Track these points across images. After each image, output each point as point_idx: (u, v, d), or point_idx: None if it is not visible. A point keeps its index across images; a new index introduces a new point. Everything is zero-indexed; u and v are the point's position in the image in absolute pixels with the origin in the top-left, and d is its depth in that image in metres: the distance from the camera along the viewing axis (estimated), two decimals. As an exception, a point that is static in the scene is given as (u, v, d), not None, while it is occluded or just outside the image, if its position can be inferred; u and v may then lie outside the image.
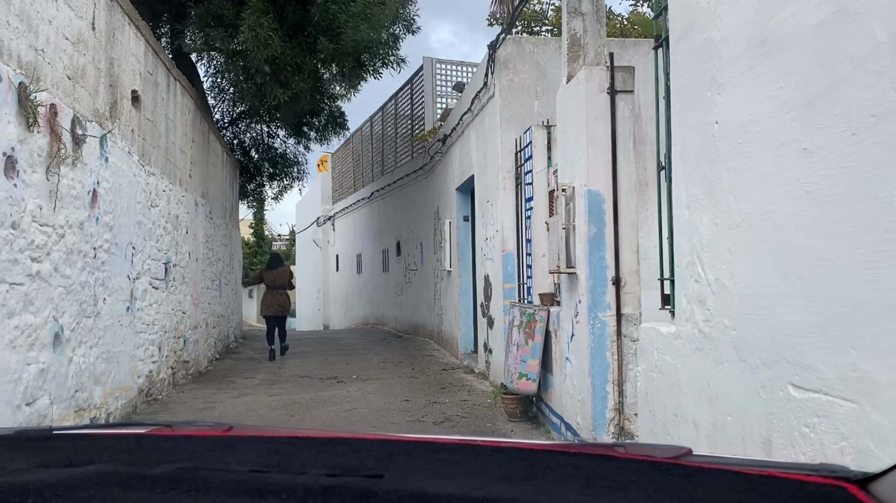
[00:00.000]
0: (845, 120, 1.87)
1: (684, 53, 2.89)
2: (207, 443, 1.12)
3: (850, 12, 1.84)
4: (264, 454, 1.05)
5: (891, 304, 1.71)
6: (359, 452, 1.03)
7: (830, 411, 1.96)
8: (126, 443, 1.14)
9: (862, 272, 1.83)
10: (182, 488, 0.80)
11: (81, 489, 0.79)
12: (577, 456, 1.04)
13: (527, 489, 0.84)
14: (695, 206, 2.82)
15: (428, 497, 0.78)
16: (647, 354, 3.36)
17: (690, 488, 0.87)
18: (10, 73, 4.14)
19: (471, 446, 1.10)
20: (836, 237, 1.93)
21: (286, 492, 0.78)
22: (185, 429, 1.25)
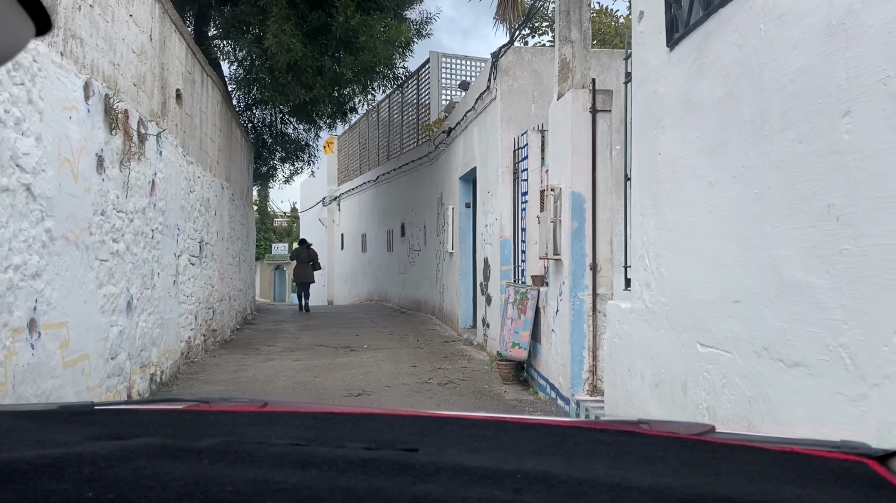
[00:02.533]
0: (729, 167, 2.81)
1: (640, 98, 3.82)
2: (246, 419, 1.14)
3: (734, 96, 2.78)
4: (302, 429, 1.07)
5: (749, 291, 2.67)
6: (393, 427, 1.05)
7: (718, 359, 2.93)
8: (168, 417, 1.18)
9: (736, 268, 2.78)
10: (227, 460, 0.81)
11: (133, 460, 0.80)
12: (604, 432, 1.05)
13: (557, 463, 0.84)
14: (645, 213, 3.77)
15: (463, 469, 0.78)
16: (611, 324, 4.34)
17: (715, 463, 0.88)
18: (99, 87, 5.04)
19: (500, 422, 1.13)
20: (725, 244, 2.88)
21: (327, 464, 0.79)
22: (222, 405, 1.28)
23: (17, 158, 3.68)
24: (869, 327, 1.97)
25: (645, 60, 3.77)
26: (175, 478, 0.75)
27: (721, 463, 0.89)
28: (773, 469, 0.86)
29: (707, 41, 3.03)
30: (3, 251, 3.52)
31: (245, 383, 6.90)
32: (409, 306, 15.08)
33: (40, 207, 3.97)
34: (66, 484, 0.72)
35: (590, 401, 5.07)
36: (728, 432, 1.09)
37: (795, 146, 2.33)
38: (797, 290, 2.33)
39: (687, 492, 0.74)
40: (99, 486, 0.72)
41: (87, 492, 0.70)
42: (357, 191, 20.05)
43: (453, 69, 13.92)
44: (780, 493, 0.76)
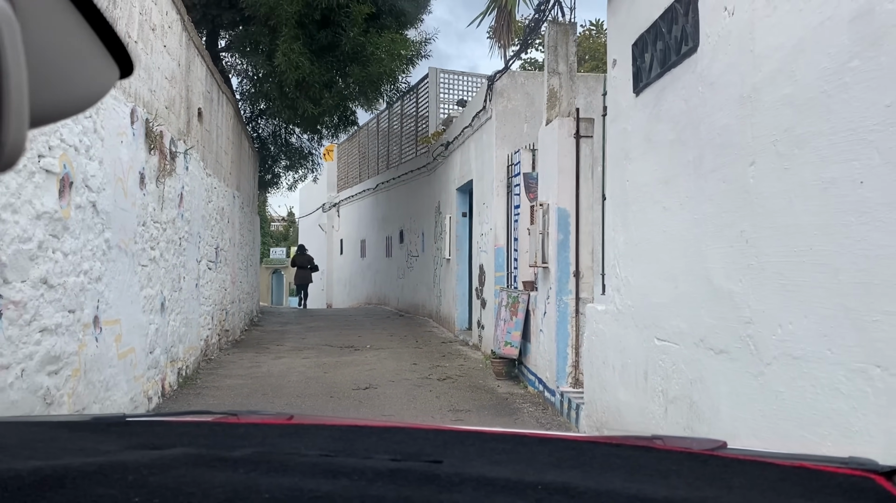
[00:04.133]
0: (678, 196, 3.52)
1: (613, 132, 4.54)
2: (275, 431, 1.18)
3: (681, 140, 3.49)
4: (329, 440, 1.11)
5: (690, 296, 3.37)
6: (417, 440, 1.09)
7: (670, 350, 3.63)
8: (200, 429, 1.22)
9: (682, 277, 3.48)
10: (262, 469, 0.84)
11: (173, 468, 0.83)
12: (620, 447, 1.08)
13: (576, 475, 0.87)
14: (616, 229, 4.47)
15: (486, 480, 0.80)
16: (589, 324, 5.04)
17: (728, 477, 0.91)
18: (141, 112, 5.73)
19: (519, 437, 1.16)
20: (674, 258, 3.59)
21: (356, 474, 0.81)
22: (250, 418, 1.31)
23: (87, 180, 4.37)
24: (765, 322, 2.68)
25: (617, 101, 4.48)
26: (214, 486, 0.78)
27: (733, 477, 0.91)
28: (783, 483, 0.89)
29: (663, 92, 3.74)
30: (77, 258, 4.21)
31: (262, 377, 7.58)
32: (407, 309, 15.75)
33: (101, 221, 4.66)
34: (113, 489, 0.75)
35: (572, 392, 5.77)
36: (739, 448, 1.13)
37: (721, 184, 3.04)
38: (722, 295, 3.03)
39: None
40: (144, 493, 0.74)
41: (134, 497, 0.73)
42: (357, 198, 20.74)
43: (450, 84, 14.64)
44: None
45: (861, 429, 2.11)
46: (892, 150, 2.01)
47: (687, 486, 0.87)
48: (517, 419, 5.84)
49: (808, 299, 2.40)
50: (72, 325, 4.09)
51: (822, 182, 2.33)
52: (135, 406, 5.34)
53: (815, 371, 2.35)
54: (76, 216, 4.21)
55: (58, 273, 3.91)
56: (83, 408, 4.24)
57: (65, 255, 4.02)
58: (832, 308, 2.27)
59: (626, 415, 4.24)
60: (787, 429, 2.51)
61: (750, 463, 0.98)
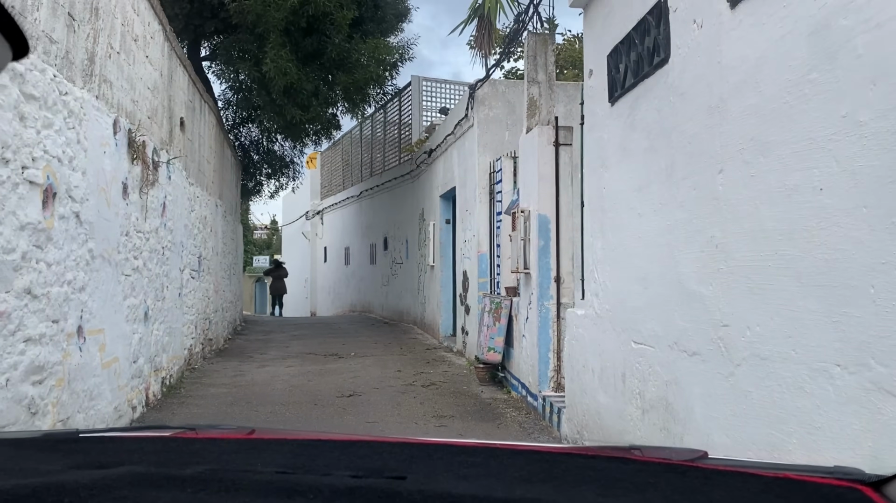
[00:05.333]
0: (651, 203, 3.61)
1: (590, 141, 4.63)
2: (232, 446, 1.14)
3: (654, 148, 3.58)
4: (288, 456, 1.07)
5: (664, 299, 3.47)
6: (381, 454, 1.06)
7: (646, 353, 3.72)
8: (153, 445, 1.18)
9: (656, 282, 3.57)
10: (212, 488, 0.81)
11: (115, 489, 0.79)
12: (595, 458, 1.05)
13: (547, 490, 0.84)
14: (594, 235, 4.57)
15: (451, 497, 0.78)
16: (570, 328, 5.12)
17: (708, 490, 0.87)
18: (124, 122, 5.76)
19: (490, 449, 1.12)
20: (649, 263, 3.68)
21: (313, 492, 0.78)
22: (209, 433, 1.28)
23: (70, 191, 4.40)
24: (735, 324, 2.77)
25: (593, 110, 4.58)
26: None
27: (713, 489, 0.88)
28: (767, 495, 0.86)
29: (637, 102, 3.84)
30: (60, 268, 4.23)
31: (246, 386, 7.59)
32: (391, 317, 15.79)
33: (85, 231, 4.68)
34: None
35: (554, 396, 5.85)
36: (720, 458, 1.09)
37: (692, 191, 3.14)
38: (694, 298, 3.13)
39: None
40: None
41: None
42: (340, 205, 20.76)
43: (433, 92, 14.74)
44: None
45: (823, 425, 2.20)
46: (848, 159, 2.10)
47: (664, 500, 0.83)
48: (500, 424, 5.91)
49: (774, 301, 2.49)
50: (56, 335, 4.11)
51: (785, 189, 2.42)
52: (119, 415, 5.35)
53: (781, 371, 2.44)
54: (60, 226, 4.23)
55: (42, 283, 3.94)
56: (67, 417, 4.26)
57: (48, 266, 4.05)
58: (796, 310, 2.36)
59: (606, 417, 4.32)
60: (755, 428, 2.60)
61: (731, 474, 0.95)
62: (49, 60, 4.15)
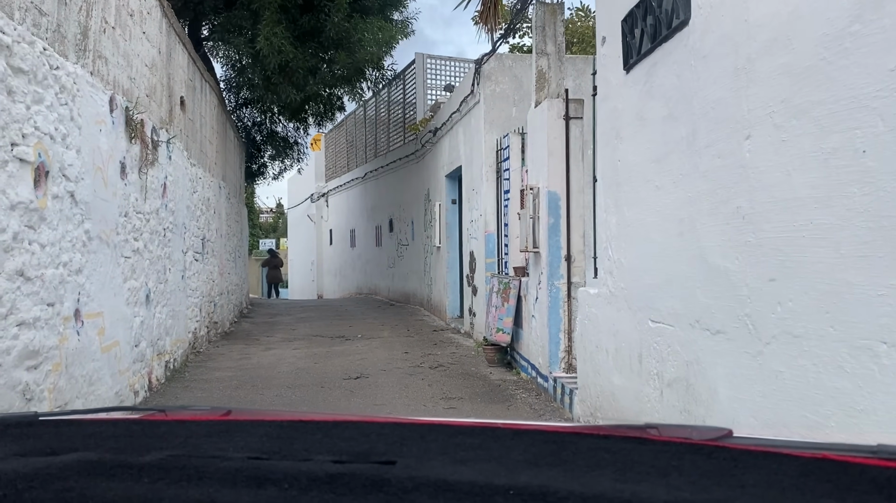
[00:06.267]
0: (671, 174, 3.43)
1: (603, 112, 4.44)
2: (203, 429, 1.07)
3: (673, 116, 3.40)
4: (265, 439, 0.99)
5: (685, 276, 3.30)
6: (368, 436, 0.98)
7: (665, 332, 3.56)
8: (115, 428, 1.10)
9: (676, 257, 3.40)
10: (172, 477, 0.74)
11: (59, 480, 0.72)
12: (609, 438, 0.96)
13: (556, 475, 0.76)
14: (608, 210, 4.39)
15: (447, 485, 0.71)
16: (582, 308, 4.96)
17: (739, 473, 0.79)
18: (120, 100, 5.58)
19: (490, 429, 1.03)
20: (668, 238, 3.51)
21: (288, 480, 0.71)
22: (180, 414, 1.20)
23: (63, 169, 4.24)
24: (763, 300, 2.60)
25: (607, 79, 4.38)
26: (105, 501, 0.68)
27: (745, 472, 0.79)
28: (806, 479, 0.77)
29: (654, 68, 3.64)
30: (55, 250, 4.08)
31: (251, 369, 7.48)
32: (398, 299, 15.66)
33: (81, 211, 4.53)
34: None
35: (565, 377, 5.70)
36: (747, 436, 1.01)
37: (716, 160, 2.96)
38: (718, 273, 2.96)
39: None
40: None
41: None
42: (345, 187, 20.58)
43: (438, 70, 14.49)
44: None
45: (867, 407, 2.04)
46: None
47: (691, 486, 0.75)
48: (510, 406, 5.77)
49: (808, 275, 2.32)
50: (51, 319, 3.97)
51: (822, 153, 2.25)
52: (120, 400, 5.23)
53: (816, 349, 2.27)
54: (53, 206, 4.08)
55: (35, 265, 3.79)
56: (65, 403, 4.13)
57: (42, 247, 3.90)
58: (834, 283, 2.19)
59: (621, 399, 4.17)
60: (787, 410, 2.44)
61: (763, 454, 0.86)
62: (39, 33, 3.98)
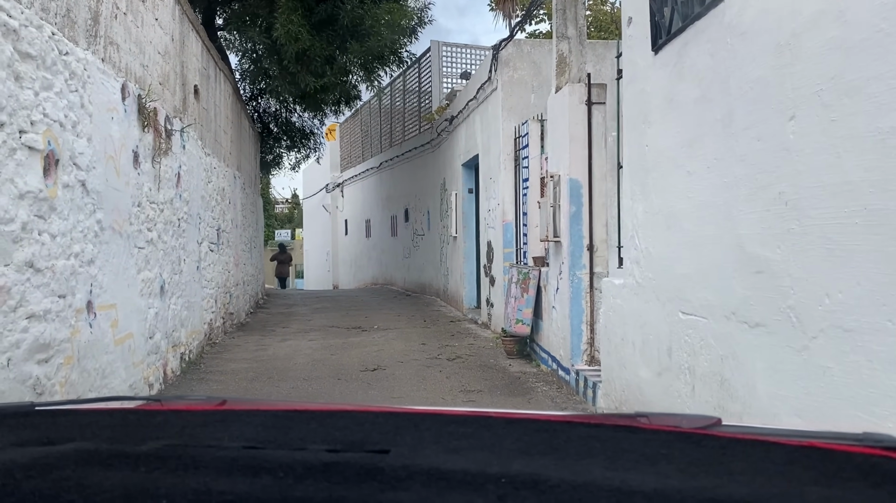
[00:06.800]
0: (704, 158, 3.26)
1: (629, 95, 4.27)
2: (199, 418, 1.07)
3: (707, 97, 3.23)
4: (260, 429, 1.00)
5: (720, 266, 3.13)
6: (362, 426, 0.99)
7: (697, 325, 3.40)
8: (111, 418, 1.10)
9: (710, 246, 3.24)
10: (169, 466, 0.75)
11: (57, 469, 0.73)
12: (599, 427, 0.98)
13: (548, 464, 0.78)
14: (634, 198, 4.22)
15: (440, 473, 0.72)
16: (606, 299, 4.81)
17: (727, 461, 0.82)
18: (133, 88, 5.48)
19: (483, 418, 1.05)
20: (700, 226, 3.34)
21: (283, 469, 0.72)
22: (175, 404, 1.21)
23: (74, 158, 4.14)
24: (808, 291, 2.44)
25: (633, 61, 4.21)
26: (102, 490, 0.68)
27: (733, 460, 0.81)
28: (793, 467, 0.79)
29: (685, 48, 3.47)
30: (66, 240, 3.98)
31: (267, 361, 7.39)
32: (414, 289, 15.56)
33: (92, 201, 4.43)
34: None
35: (588, 370, 5.55)
36: (736, 425, 1.02)
37: (755, 143, 2.79)
38: (756, 263, 2.79)
39: (697, 495, 0.69)
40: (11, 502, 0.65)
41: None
42: (360, 177, 20.47)
43: (454, 57, 14.30)
44: (805, 495, 0.70)
45: (930, 408, 1.89)
46: (967, 91, 1.75)
47: (679, 474, 0.76)
48: (531, 399, 5.64)
49: (862, 265, 2.16)
50: (62, 311, 3.88)
51: (877, 133, 2.08)
52: (134, 393, 5.15)
53: (871, 344, 2.11)
54: (64, 196, 3.98)
55: (45, 256, 3.69)
56: (77, 397, 4.04)
57: (52, 237, 3.80)
58: (892, 274, 2.03)
59: (648, 393, 4.02)
60: (836, 409, 2.28)
61: (751, 443, 0.88)
62: (47, 18, 3.86)
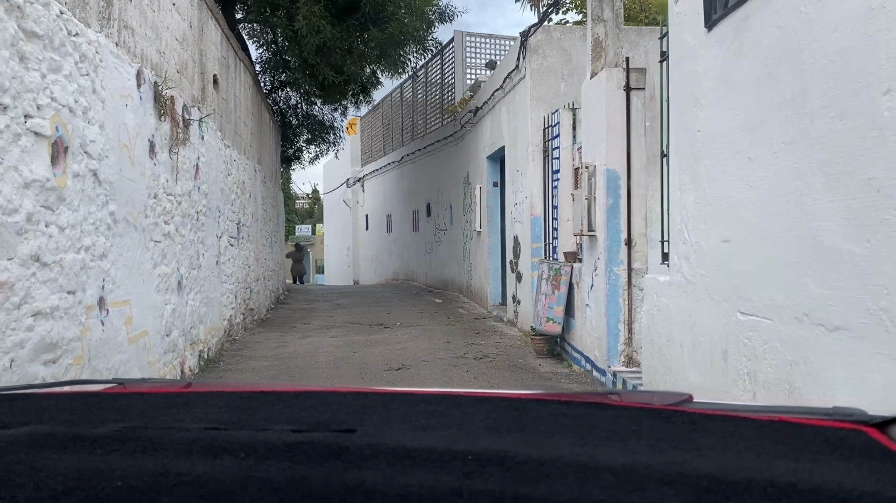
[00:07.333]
0: (770, 143, 2.94)
1: (678, 76, 3.95)
2: (161, 401, 1.05)
3: (773, 75, 2.90)
4: (223, 410, 0.97)
5: (789, 261, 2.82)
6: (329, 406, 0.97)
7: (758, 326, 3.08)
8: (70, 402, 1.08)
9: (777, 240, 2.92)
10: (126, 449, 0.73)
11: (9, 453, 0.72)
12: (569, 404, 0.96)
13: (516, 441, 0.78)
14: (684, 188, 3.90)
15: (405, 451, 0.72)
16: (649, 297, 4.49)
17: (697, 436, 0.81)
18: (149, 74, 5.24)
19: (453, 397, 1.04)
20: (765, 217, 3.02)
21: (245, 450, 0.71)
22: (138, 387, 1.18)
23: (85, 145, 3.90)
24: (908, 291, 2.12)
25: (682, 40, 3.88)
26: (55, 474, 0.66)
27: (702, 436, 0.81)
28: (762, 441, 0.79)
29: (746, 23, 3.14)
30: (76, 233, 3.75)
31: (288, 358, 7.16)
32: (436, 285, 15.29)
33: (105, 192, 4.20)
34: None
35: (626, 371, 5.24)
36: (707, 401, 0.99)
37: (836, 123, 2.47)
38: (838, 259, 2.48)
39: (665, 470, 0.67)
40: None
41: None
42: (381, 172, 20.23)
43: (478, 48, 13.99)
44: (773, 469, 0.69)
45: None
46: None
47: (648, 449, 0.76)
48: (565, 401, 5.34)
49: (983, 260, 1.84)
50: (72, 308, 3.64)
51: None
52: (150, 393, 4.92)
53: None
54: (74, 185, 3.74)
55: (52, 249, 3.46)
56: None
57: (61, 230, 3.57)
58: None
59: (699, 399, 3.70)
60: (945, 427, 1.96)
61: (721, 418, 0.88)
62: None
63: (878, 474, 0.69)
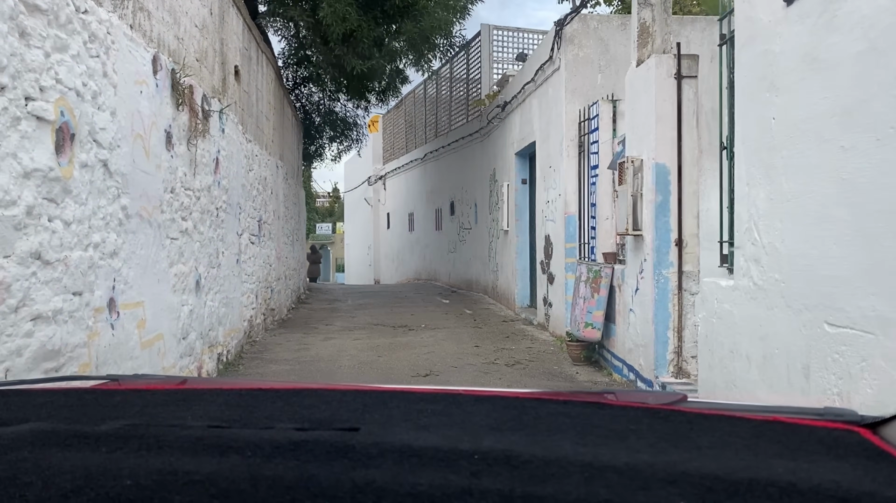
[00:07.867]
0: (872, 128, 2.54)
1: (747, 59, 3.54)
2: (159, 398, 1.04)
3: (879, 49, 2.50)
4: (224, 408, 0.97)
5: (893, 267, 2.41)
6: (330, 404, 0.97)
7: (855, 341, 2.68)
8: (67, 398, 1.06)
9: (881, 241, 2.52)
10: (131, 447, 0.72)
11: (13, 450, 0.71)
12: (568, 403, 0.97)
13: (518, 440, 0.77)
14: (753, 183, 3.50)
15: (411, 450, 0.71)
16: (708, 303, 4.09)
17: (694, 435, 0.82)
18: (166, 61, 4.93)
19: (452, 395, 1.04)
20: (863, 214, 2.62)
21: (251, 448, 0.70)
22: (134, 383, 1.17)
23: (94, 133, 3.58)
24: None
25: (753, 18, 3.48)
26: (62, 472, 0.65)
27: (700, 435, 0.82)
28: (758, 440, 0.80)
29: (840, -9, 2.74)
30: (83, 228, 3.43)
31: (310, 362, 6.83)
32: (459, 285, 14.92)
33: (116, 184, 3.88)
34: None
35: (676, 383, 4.84)
36: (702, 401, 1.02)
37: (972, 101, 2.06)
38: (972, 264, 2.07)
39: (669, 469, 0.68)
40: None
41: None
42: (403, 169, 19.90)
43: (505, 42, 13.60)
44: (771, 468, 0.70)
45: None
46: None
47: (649, 448, 0.76)
48: (607, 414, 4.95)
49: None
50: (77, 311, 3.32)
51: None
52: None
53: None
54: (81, 177, 3.42)
55: (56, 246, 3.13)
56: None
57: (66, 225, 3.25)
58: None
59: (771, 419, 3.30)
60: None
61: (717, 418, 0.89)
62: (64, -30, 3.30)
63: (873, 474, 0.70)
